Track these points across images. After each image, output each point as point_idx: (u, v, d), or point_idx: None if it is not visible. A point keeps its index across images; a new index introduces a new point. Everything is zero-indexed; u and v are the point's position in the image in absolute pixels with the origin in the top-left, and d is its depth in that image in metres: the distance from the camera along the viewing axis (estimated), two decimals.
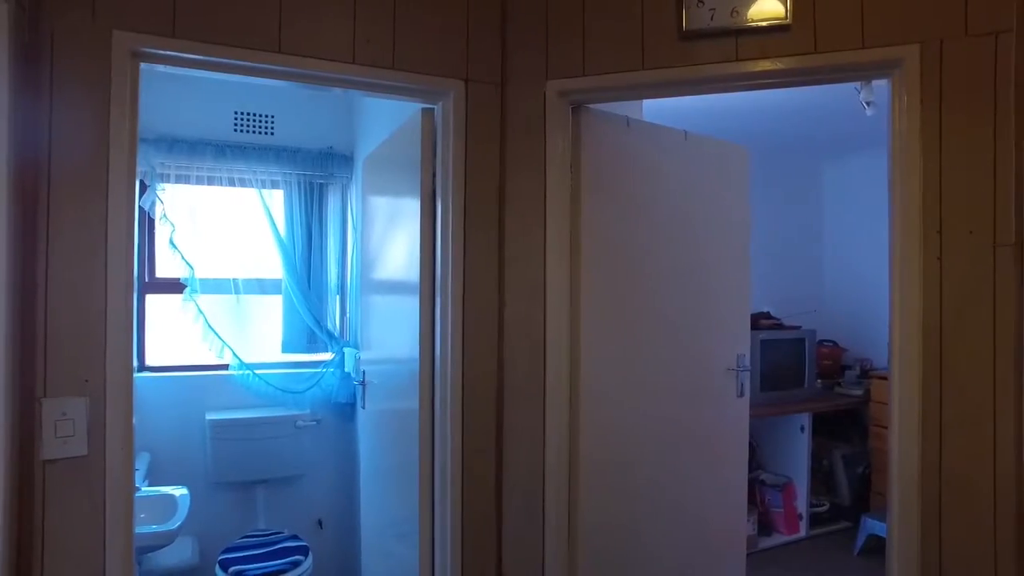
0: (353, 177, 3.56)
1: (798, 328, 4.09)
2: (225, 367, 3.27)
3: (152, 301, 3.27)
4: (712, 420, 2.62)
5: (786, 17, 1.90)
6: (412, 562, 2.27)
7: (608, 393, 2.33)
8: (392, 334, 2.59)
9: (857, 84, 2.34)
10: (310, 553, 2.91)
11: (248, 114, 3.37)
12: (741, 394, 2.68)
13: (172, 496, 2.54)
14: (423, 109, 2.26)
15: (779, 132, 4.09)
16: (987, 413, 1.73)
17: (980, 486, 1.74)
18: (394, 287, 2.62)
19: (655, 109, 2.76)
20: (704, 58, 1.98)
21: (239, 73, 1.95)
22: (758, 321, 4.01)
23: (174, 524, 2.32)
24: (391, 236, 2.64)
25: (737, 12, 1.94)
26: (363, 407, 3.01)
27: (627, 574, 2.41)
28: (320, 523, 3.47)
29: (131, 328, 1.81)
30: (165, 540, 2.30)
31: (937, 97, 1.78)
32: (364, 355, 3.07)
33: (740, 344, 2.69)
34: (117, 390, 1.74)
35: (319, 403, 3.45)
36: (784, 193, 4.57)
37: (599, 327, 2.30)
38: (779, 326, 4.04)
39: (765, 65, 1.93)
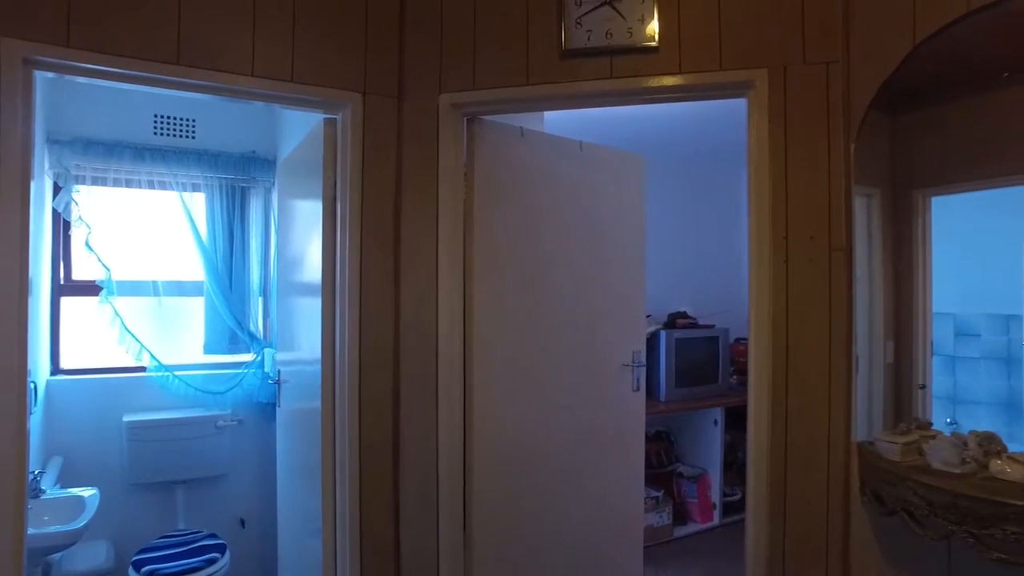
0: (276, 180, 3.62)
1: (712, 327, 4.29)
2: (143, 369, 3.29)
3: (68, 304, 3.27)
4: (609, 413, 2.79)
5: (655, 40, 2.07)
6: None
7: (503, 389, 2.47)
8: (303, 334, 2.68)
9: None
10: (227, 551, 2.96)
11: (168, 117, 3.39)
12: (637, 389, 2.85)
13: (80, 498, 2.56)
14: (326, 119, 2.36)
15: (696, 138, 4.29)
16: (824, 399, 1.94)
17: (817, 460, 1.96)
18: (305, 289, 2.70)
19: (574, 118, 2.91)
20: (583, 75, 2.14)
21: (136, 83, 2.02)
22: (675, 320, 4.20)
23: (78, 524, 2.35)
24: (303, 240, 2.72)
25: (611, 34, 2.10)
26: (279, 406, 3.08)
27: (524, 560, 2.55)
28: (242, 522, 3.51)
29: (24, 330, 1.85)
30: (68, 540, 2.33)
31: (782, 116, 1.98)
32: (280, 355, 3.14)
33: (636, 341, 2.86)
34: (5, 393, 1.78)
35: (241, 403, 3.49)
36: (702, 197, 4.76)
37: (494, 327, 2.43)
38: (695, 325, 4.24)
39: (637, 83, 2.10)
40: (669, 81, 2.06)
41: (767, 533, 2.02)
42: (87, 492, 2.62)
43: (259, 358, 3.52)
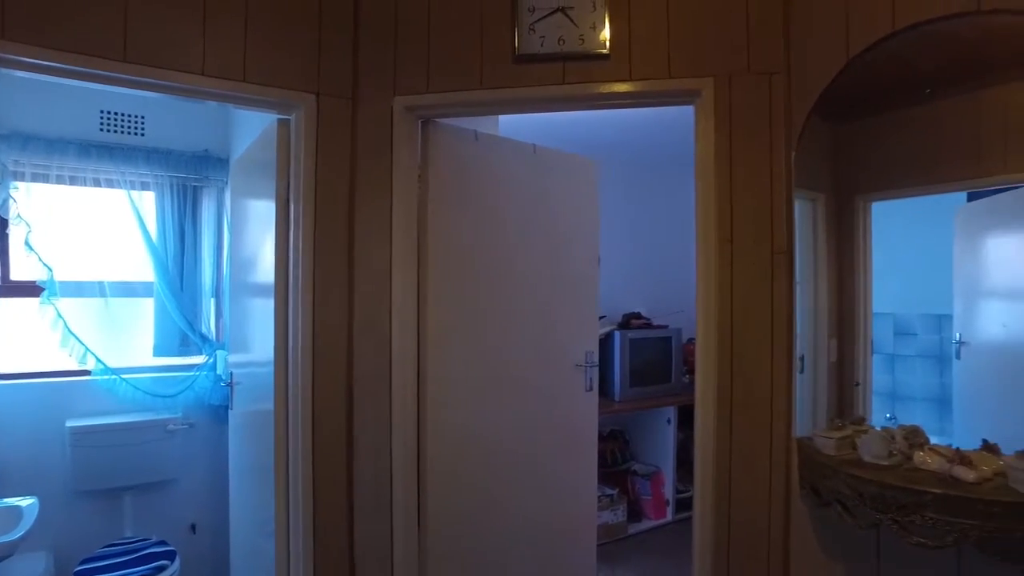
0: (229, 180, 3.56)
1: (666, 327, 4.39)
2: (88, 373, 3.20)
3: (6, 305, 3.16)
4: (562, 413, 2.83)
5: (606, 48, 2.12)
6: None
7: (458, 390, 2.49)
8: (256, 336, 2.65)
9: None
10: (177, 557, 2.90)
11: (116, 114, 3.30)
12: (590, 388, 2.90)
13: (17, 507, 2.47)
14: (279, 120, 2.34)
15: (651, 142, 4.38)
16: (767, 397, 2.02)
17: (760, 456, 2.04)
18: (258, 290, 2.67)
19: (530, 122, 2.95)
20: (536, 80, 2.18)
21: (80, 79, 1.97)
22: (629, 321, 4.28)
23: (15, 535, 2.27)
24: (256, 240, 2.69)
25: (564, 40, 2.14)
26: (232, 408, 3.04)
27: (479, 558, 2.57)
28: (193, 527, 3.44)
29: None
30: (3, 552, 2.24)
31: (727, 123, 2.05)
32: (232, 357, 3.09)
33: (589, 342, 2.92)
34: None
35: (192, 406, 3.42)
36: (656, 199, 4.85)
37: (449, 328, 2.45)
38: (648, 325, 4.33)
39: (588, 88, 2.14)
40: (619, 88, 2.11)
41: (713, 526, 2.09)
42: (25, 501, 2.53)
43: (211, 360, 3.46)
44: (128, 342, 3.40)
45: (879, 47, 1.83)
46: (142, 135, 3.36)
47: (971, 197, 1.94)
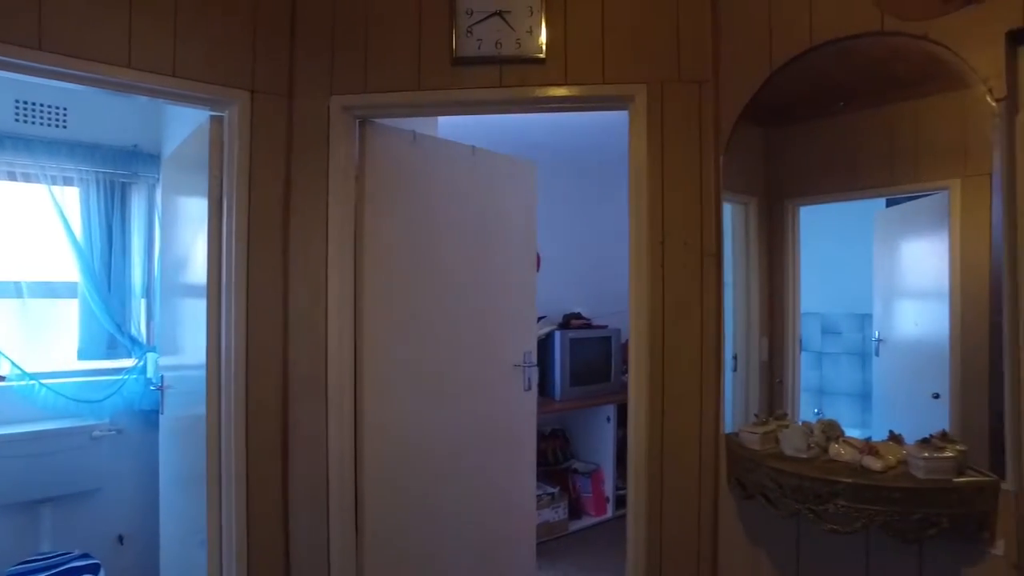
0: (160, 177, 3.44)
1: (605, 327, 4.46)
2: (2, 379, 3.03)
3: None
4: (501, 412, 2.86)
5: (542, 52, 2.16)
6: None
7: (395, 391, 2.48)
8: (188, 337, 2.57)
9: None
10: (102, 570, 2.78)
11: (34, 104, 3.13)
12: (528, 388, 2.94)
13: None
14: (212, 116, 2.29)
15: (591, 145, 4.45)
16: (696, 394, 2.09)
17: (690, 452, 2.12)
18: (190, 290, 2.60)
19: (471, 123, 2.95)
20: (473, 83, 2.19)
21: None
22: (569, 321, 4.34)
23: None
24: (188, 239, 2.61)
25: (501, 44, 2.17)
26: (163, 413, 2.94)
27: (417, 560, 2.57)
28: (120, 539, 3.30)
29: None
30: None
31: (660, 129, 2.11)
32: (164, 360, 2.99)
33: (527, 342, 2.95)
34: None
35: (120, 412, 3.28)
36: (597, 201, 4.92)
37: (386, 329, 2.44)
38: (588, 325, 4.39)
39: (525, 92, 2.18)
40: (555, 92, 2.15)
41: (646, 520, 2.15)
42: None
43: (141, 363, 3.33)
44: (49, 345, 3.24)
45: (801, 61, 1.92)
46: (64, 127, 3.21)
47: (890, 203, 2.04)
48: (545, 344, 4.07)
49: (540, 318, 4.18)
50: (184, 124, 3.07)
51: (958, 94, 1.63)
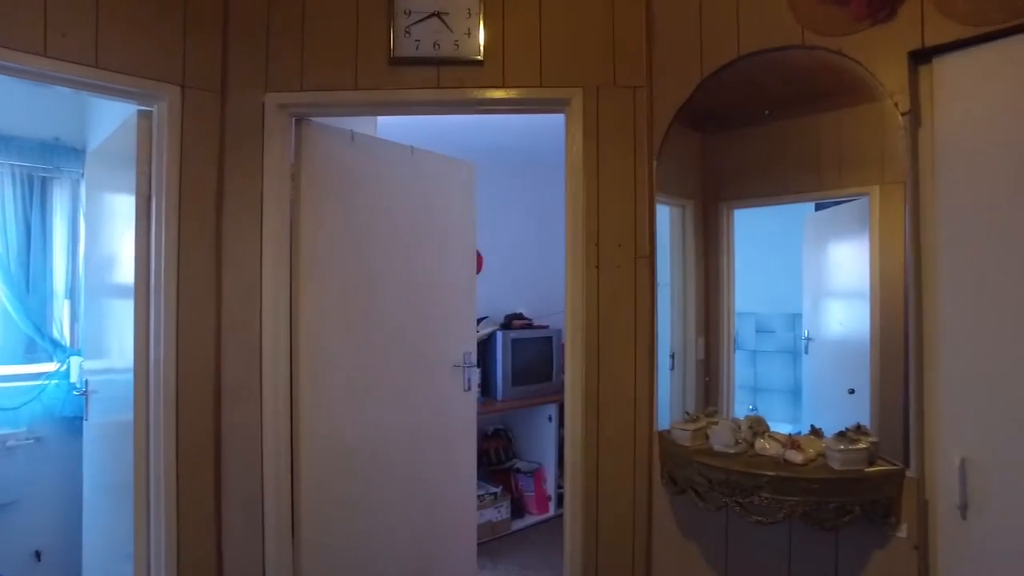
0: (84, 172, 3.29)
1: (547, 327, 4.51)
2: None
3: None
4: (441, 413, 2.86)
5: (480, 55, 2.17)
6: None
7: (333, 391, 2.45)
8: (115, 340, 2.48)
9: None
10: None
11: None
12: (468, 388, 2.95)
13: None
14: (140, 111, 2.21)
15: (532, 146, 4.48)
16: (630, 393, 2.14)
17: (625, 449, 2.17)
18: (117, 291, 2.50)
19: (412, 124, 2.93)
20: (411, 83, 2.19)
21: None
22: (511, 322, 4.37)
23: None
24: (115, 238, 2.51)
25: (439, 45, 2.17)
26: (87, 420, 2.81)
27: (357, 565, 2.54)
28: (38, 555, 3.14)
29: None
30: None
31: (595, 132, 2.16)
32: (89, 364, 2.87)
33: (466, 342, 2.96)
34: None
35: (39, 419, 3.12)
36: (538, 202, 4.95)
37: (323, 331, 2.41)
38: (530, 326, 4.44)
39: (463, 94, 2.19)
40: (493, 94, 2.17)
41: (583, 516, 2.19)
42: None
43: (64, 367, 3.18)
44: None
45: (730, 69, 1.99)
46: None
47: (819, 207, 2.13)
48: (487, 344, 4.09)
49: (482, 319, 4.20)
50: (111, 117, 2.95)
51: (875, 106, 1.72)
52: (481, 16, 2.16)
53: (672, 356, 2.23)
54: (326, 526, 2.42)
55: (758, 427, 1.95)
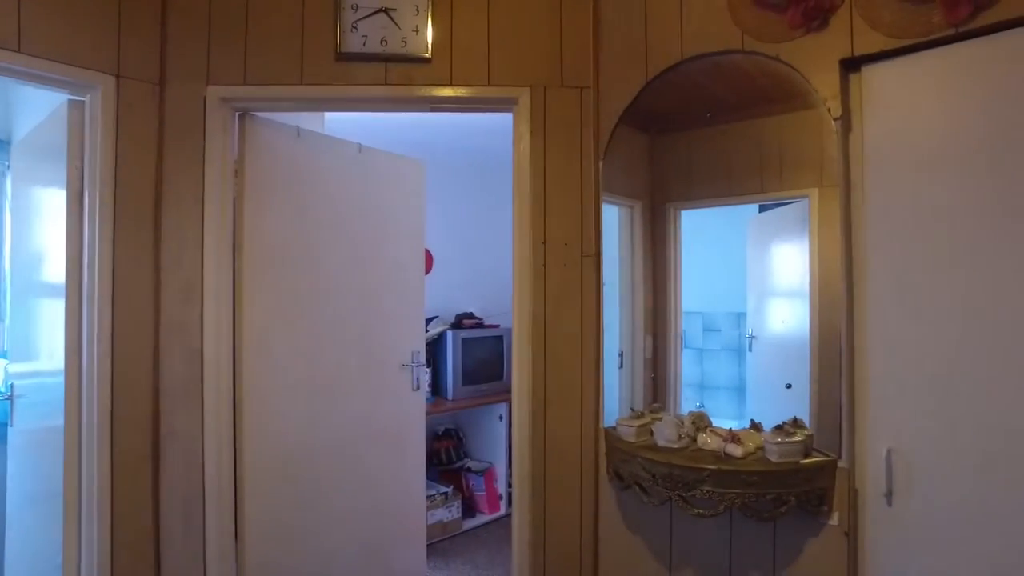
0: (10, 163, 3.13)
1: (497, 327, 4.52)
2: None
3: None
4: (389, 413, 2.83)
5: (428, 52, 2.16)
6: None
7: (279, 392, 2.40)
8: (45, 341, 2.36)
9: None
10: None
11: None
12: (417, 387, 2.93)
13: None
14: (71, 101, 2.11)
15: (483, 146, 4.48)
16: (577, 390, 2.17)
17: (572, 446, 2.20)
18: (46, 290, 2.39)
19: (362, 121, 2.89)
20: (358, 79, 2.17)
21: None
22: (461, 321, 4.36)
23: None
24: (45, 234, 2.40)
25: (386, 41, 2.15)
26: (12, 426, 2.67)
27: (304, 571, 2.49)
28: None
29: None
30: None
31: (543, 132, 2.18)
32: (15, 366, 2.73)
33: (415, 341, 2.94)
34: None
35: None
36: (489, 202, 4.96)
37: (268, 331, 2.36)
38: (480, 325, 4.43)
39: (410, 91, 2.17)
40: (441, 92, 2.17)
41: (530, 513, 2.21)
42: None
43: None
44: None
45: (675, 72, 2.04)
46: None
47: (762, 209, 2.20)
48: (437, 344, 4.07)
49: (432, 318, 4.18)
50: (39, 105, 2.81)
51: (813, 112, 1.78)
52: (429, 13, 2.16)
53: (621, 355, 2.27)
54: (271, 531, 2.37)
55: (700, 422, 2.00)
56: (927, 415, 1.61)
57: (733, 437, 1.87)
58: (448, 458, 4.35)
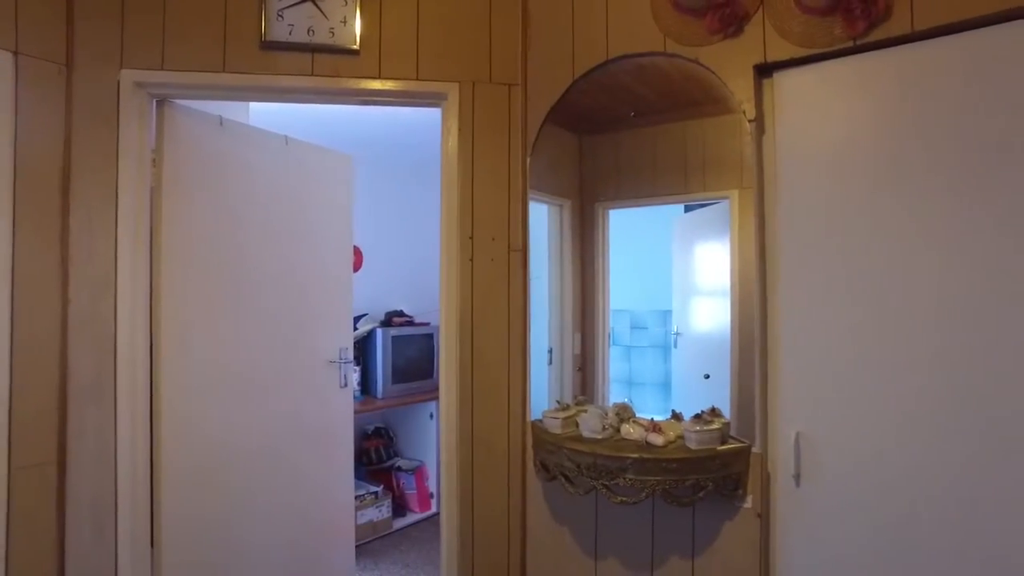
0: None
1: (428, 324, 4.50)
2: None
3: None
4: (316, 411, 2.78)
5: (356, 44, 2.14)
6: None
7: (200, 392, 2.32)
8: None
9: None
10: None
11: None
12: (344, 385, 2.89)
13: None
14: None
15: (415, 142, 4.44)
16: (504, 384, 2.19)
17: (499, 439, 2.22)
18: None
19: (290, 113, 2.81)
20: (283, 69, 2.12)
21: None
22: (391, 319, 4.31)
23: None
24: None
25: (313, 31, 2.11)
26: None
27: (229, 573, 2.42)
28: None
29: None
30: None
31: (471, 127, 2.19)
32: None
33: (342, 338, 2.90)
34: None
35: None
36: (421, 199, 4.92)
37: (189, 324, 2.27)
38: (410, 323, 4.40)
39: (337, 83, 2.14)
40: (369, 85, 2.14)
41: (458, 507, 2.21)
42: None
43: None
44: None
45: (601, 71, 2.09)
46: None
47: (687, 209, 2.25)
48: (367, 342, 4.02)
49: (362, 316, 4.12)
50: None
51: (734, 117, 1.86)
52: (357, 5, 2.13)
53: (550, 352, 2.30)
54: (192, 534, 2.28)
55: (624, 413, 2.05)
56: (831, 401, 1.72)
57: (655, 427, 1.93)
58: (378, 457, 4.30)
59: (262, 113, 2.89)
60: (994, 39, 1.52)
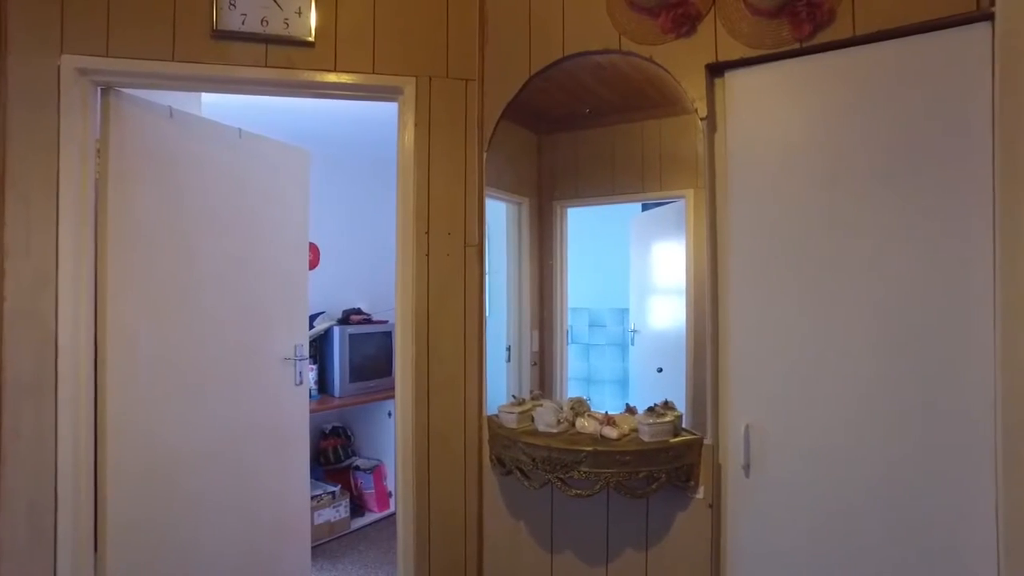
0: None
1: (386, 323, 4.46)
2: None
3: None
4: (270, 409, 2.72)
5: (311, 36, 2.11)
6: None
7: (148, 389, 2.25)
8: None
9: None
10: None
11: None
12: (299, 382, 2.84)
13: None
14: None
15: (374, 138, 4.38)
16: (460, 379, 2.19)
17: (456, 434, 2.22)
18: None
19: (250, 106, 2.75)
20: (235, 59, 2.07)
21: None
22: (349, 317, 4.26)
23: None
24: None
25: (267, 22, 2.08)
26: None
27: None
28: None
29: None
30: None
31: (427, 122, 2.19)
32: None
33: (297, 335, 2.85)
34: None
35: None
36: (379, 196, 4.87)
37: (136, 319, 2.20)
38: (368, 321, 4.35)
39: (292, 75, 2.11)
40: (324, 78, 2.12)
41: (415, 503, 2.20)
42: None
43: None
44: None
45: (558, 68, 2.10)
46: None
47: (645, 208, 2.28)
48: (324, 340, 3.97)
49: (319, 314, 4.06)
50: None
51: (690, 117, 1.89)
52: None
53: (508, 349, 2.30)
54: (139, 537, 2.21)
55: (579, 408, 2.07)
56: (779, 394, 1.77)
57: (609, 420, 1.96)
58: (336, 456, 4.24)
59: (216, 106, 2.82)
60: (927, 45, 1.59)
